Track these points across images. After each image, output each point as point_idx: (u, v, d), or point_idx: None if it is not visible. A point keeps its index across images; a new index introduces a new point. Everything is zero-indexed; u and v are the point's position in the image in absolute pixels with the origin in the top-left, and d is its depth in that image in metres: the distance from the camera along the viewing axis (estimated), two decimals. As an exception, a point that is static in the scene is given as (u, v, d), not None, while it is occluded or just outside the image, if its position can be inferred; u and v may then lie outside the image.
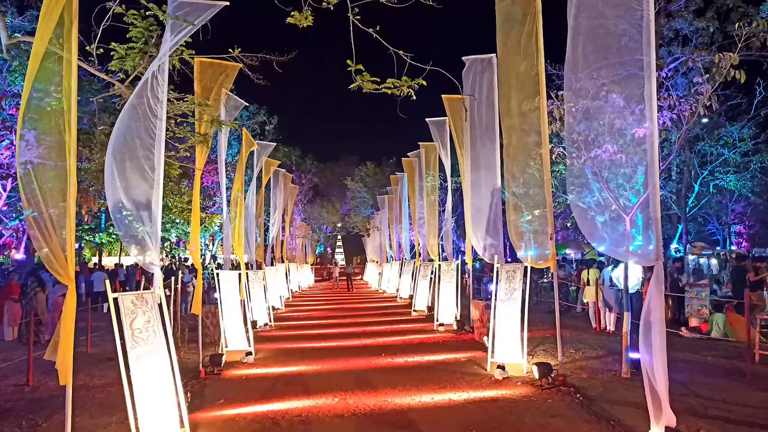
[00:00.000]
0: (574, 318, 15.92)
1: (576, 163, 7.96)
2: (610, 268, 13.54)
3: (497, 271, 10.07)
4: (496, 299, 9.94)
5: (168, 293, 12.34)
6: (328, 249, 69.93)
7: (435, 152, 17.55)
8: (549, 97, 11.01)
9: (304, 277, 33.70)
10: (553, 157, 12.32)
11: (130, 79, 7.26)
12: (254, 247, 16.52)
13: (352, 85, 5.18)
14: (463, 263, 16.26)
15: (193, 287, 16.65)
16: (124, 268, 24.77)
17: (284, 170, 23.59)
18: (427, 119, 16.00)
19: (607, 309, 13.49)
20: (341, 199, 58.01)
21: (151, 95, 6.52)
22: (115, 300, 6.11)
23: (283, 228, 24.58)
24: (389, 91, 5.29)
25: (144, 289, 9.23)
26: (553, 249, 9.67)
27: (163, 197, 7.84)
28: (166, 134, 7.25)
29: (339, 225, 61.27)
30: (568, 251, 30.45)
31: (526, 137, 10.21)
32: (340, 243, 73.09)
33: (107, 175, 6.28)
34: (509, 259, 12.42)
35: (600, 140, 7.40)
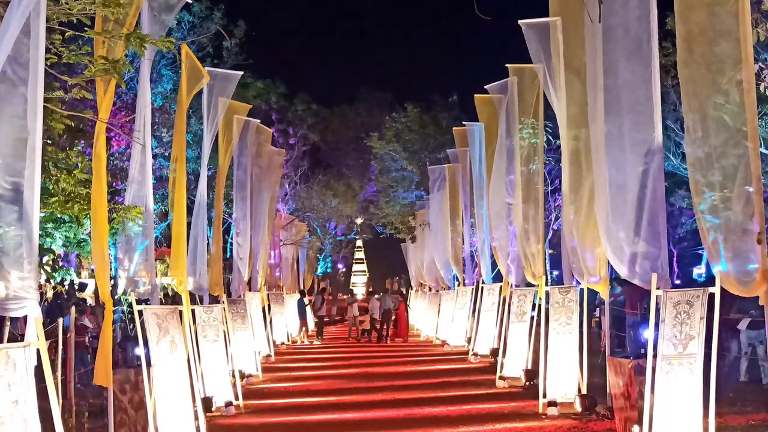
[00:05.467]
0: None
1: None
2: None
3: (658, 303, 9.96)
4: (656, 356, 9.86)
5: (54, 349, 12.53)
6: (340, 265, 70.42)
7: (536, 83, 17.41)
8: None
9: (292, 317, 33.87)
10: (762, 89, 12.09)
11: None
12: (206, 264, 16.65)
13: None
14: (590, 291, 16.09)
15: (97, 337, 16.96)
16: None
17: (258, 121, 23.68)
18: (521, 21, 15.87)
19: None
20: (362, 174, 58.10)
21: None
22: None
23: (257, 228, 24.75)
24: None
25: (10, 340, 9.41)
26: (764, 261, 9.51)
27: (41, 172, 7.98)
28: (48, 59, 7.38)
29: (358, 221, 61.48)
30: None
31: (709, 50, 10.06)
32: (361, 255, 73.39)
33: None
34: (678, 281, 12.30)
35: None
